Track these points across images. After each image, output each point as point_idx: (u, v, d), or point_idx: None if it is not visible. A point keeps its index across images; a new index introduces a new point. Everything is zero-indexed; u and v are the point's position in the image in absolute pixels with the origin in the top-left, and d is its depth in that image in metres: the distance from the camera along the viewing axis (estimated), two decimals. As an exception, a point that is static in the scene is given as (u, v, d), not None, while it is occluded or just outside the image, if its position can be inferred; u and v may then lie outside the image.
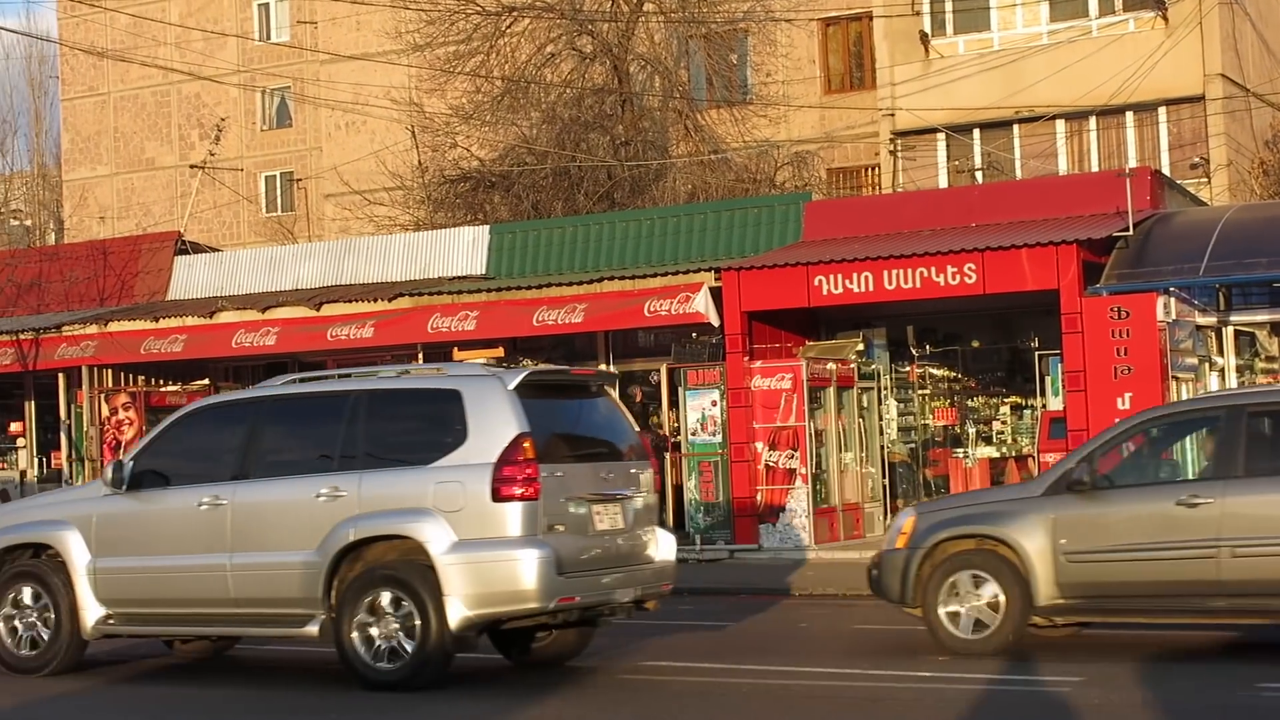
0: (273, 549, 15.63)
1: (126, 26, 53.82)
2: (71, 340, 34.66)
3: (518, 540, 14.53)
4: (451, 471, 14.91)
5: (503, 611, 14.80)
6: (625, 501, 15.71)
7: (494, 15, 37.79)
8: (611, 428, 16.52)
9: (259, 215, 56.38)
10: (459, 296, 30.51)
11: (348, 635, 14.75)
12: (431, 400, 15.79)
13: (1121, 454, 16.68)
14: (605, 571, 15.40)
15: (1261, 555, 14.99)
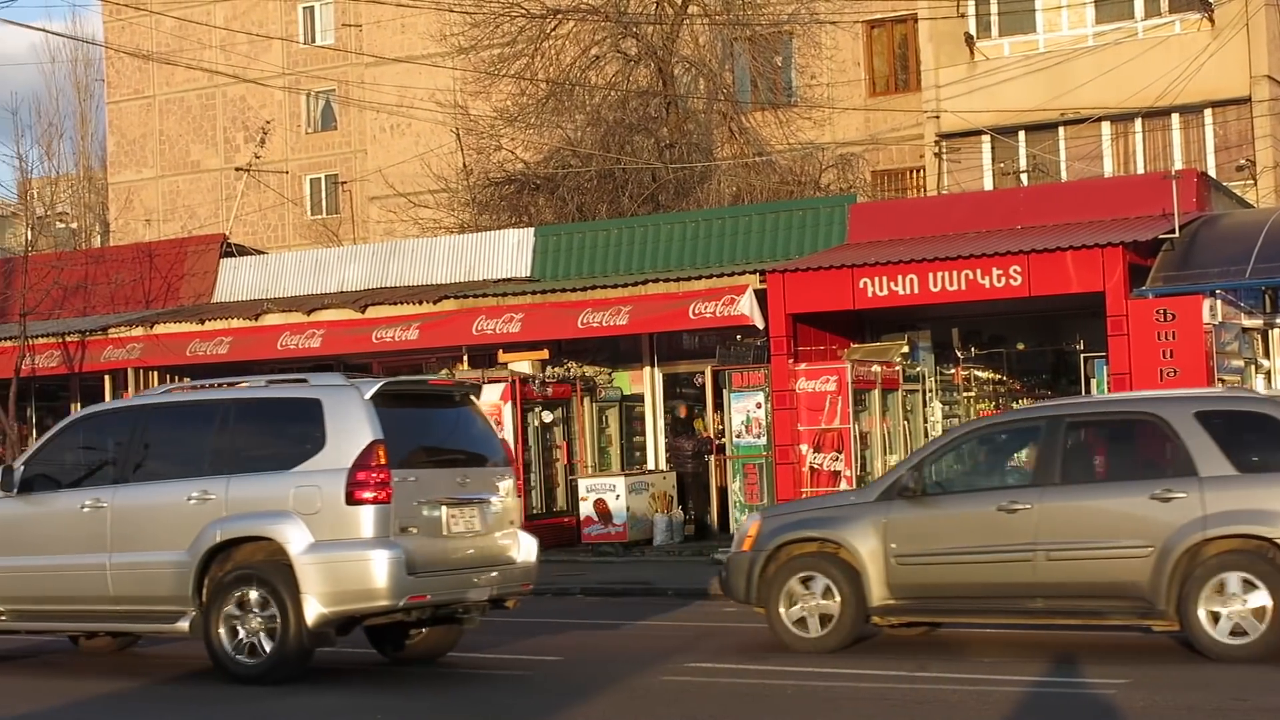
0: (149, 549, 16.33)
1: (172, 29, 54.11)
2: (117, 343, 34.86)
3: (370, 541, 15.31)
4: (310, 476, 15.70)
5: (356, 609, 15.56)
6: (482, 505, 16.49)
7: (539, 18, 37.89)
8: (471, 435, 17.33)
9: (304, 218, 56.60)
10: (504, 299, 30.62)
11: (215, 631, 15.55)
12: (294, 409, 16.55)
13: (950, 462, 17.64)
14: (459, 571, 16.15)
15: (1074, 559, 15.94)
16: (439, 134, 43.95)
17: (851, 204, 30.71)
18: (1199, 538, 15.26)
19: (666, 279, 29.42)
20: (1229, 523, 15.36)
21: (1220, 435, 15.82)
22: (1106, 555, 15.82)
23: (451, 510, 16.09)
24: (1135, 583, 15.55)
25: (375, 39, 51.64)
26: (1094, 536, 15.98)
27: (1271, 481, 15.59)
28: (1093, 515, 16.16)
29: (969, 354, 29.95)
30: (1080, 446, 17.16)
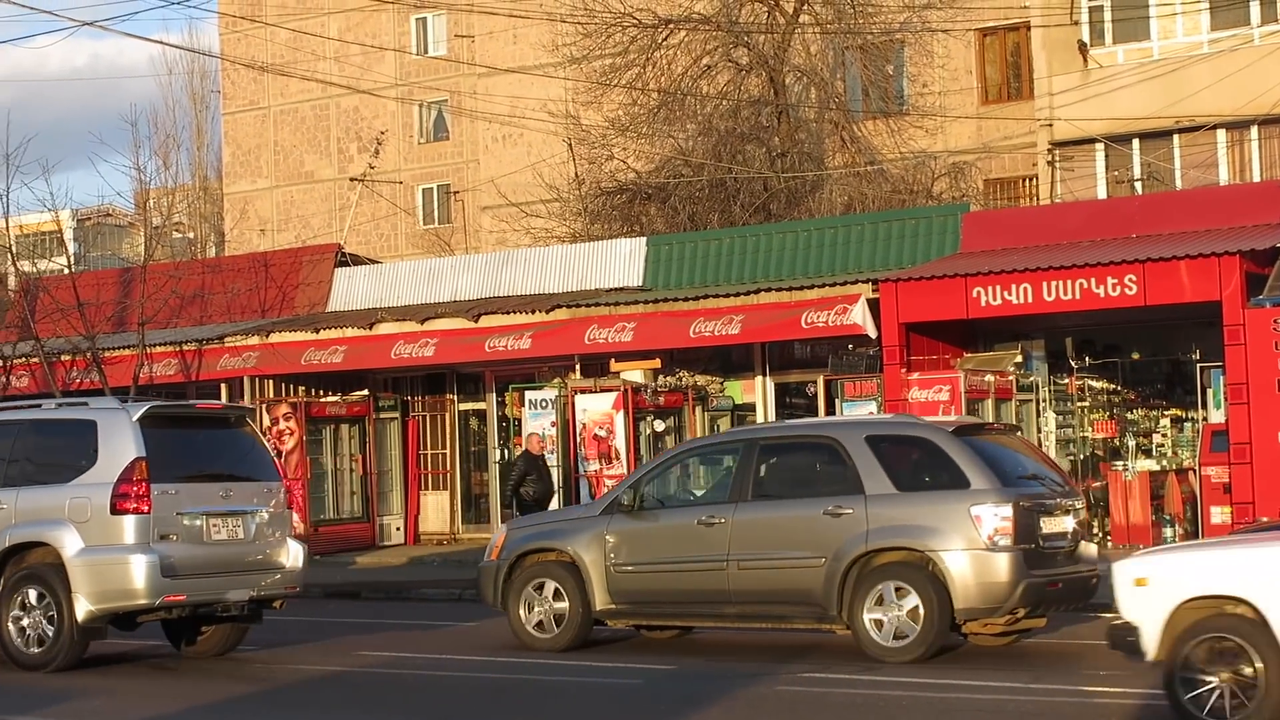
0: None
1: (286, 41, 54.67)
2: (234, 351, 35.23)
3: (130, 547, 17.36)
4: (82, 489, 17.75)
5: (119, 606, 17.57)
6: (246, 516, 18.54)
7: (650, 28, 38.00)
8: (240, 455, 19.30)
9: (416, 227, 56.97)
10: (616, 308, 30.72)
11: (5, 625, 17.65)
12: (74, 429, 18.63)
13: (663, 479, 19.67)
14: (219, 575, 18.13)
15: (760, 568, 17.64)
16: (551, 144, 44.18)
17: (964, 213, 30.62)
18: (863, 549, 16.90)
19: (779, 288, 29.44)
20: (888, 536, 17.01)
21: (885, 457, 17.47)
22: (788, 565, 17.48)
23: (212, 520, 18.17)
24: (811, 590, 17.12)
25: (487, 50, 51.96)
26: (778, 548, 17.61)
27: (926, 500, 17.25)
28: (777, 528, 17.81)
29: (1083, 364, 29.72)
30: (770, 466, 18.80)
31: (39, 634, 17.62)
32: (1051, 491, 17.79)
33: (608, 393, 30.05)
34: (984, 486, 16.75)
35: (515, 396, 32.16)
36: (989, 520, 16.51)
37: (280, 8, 56.22)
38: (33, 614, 17.60)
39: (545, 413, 30.70)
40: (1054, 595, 17.16)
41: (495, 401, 34.55)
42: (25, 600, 17.68)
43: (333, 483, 34.82)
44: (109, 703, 16.16)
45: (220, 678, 18.29)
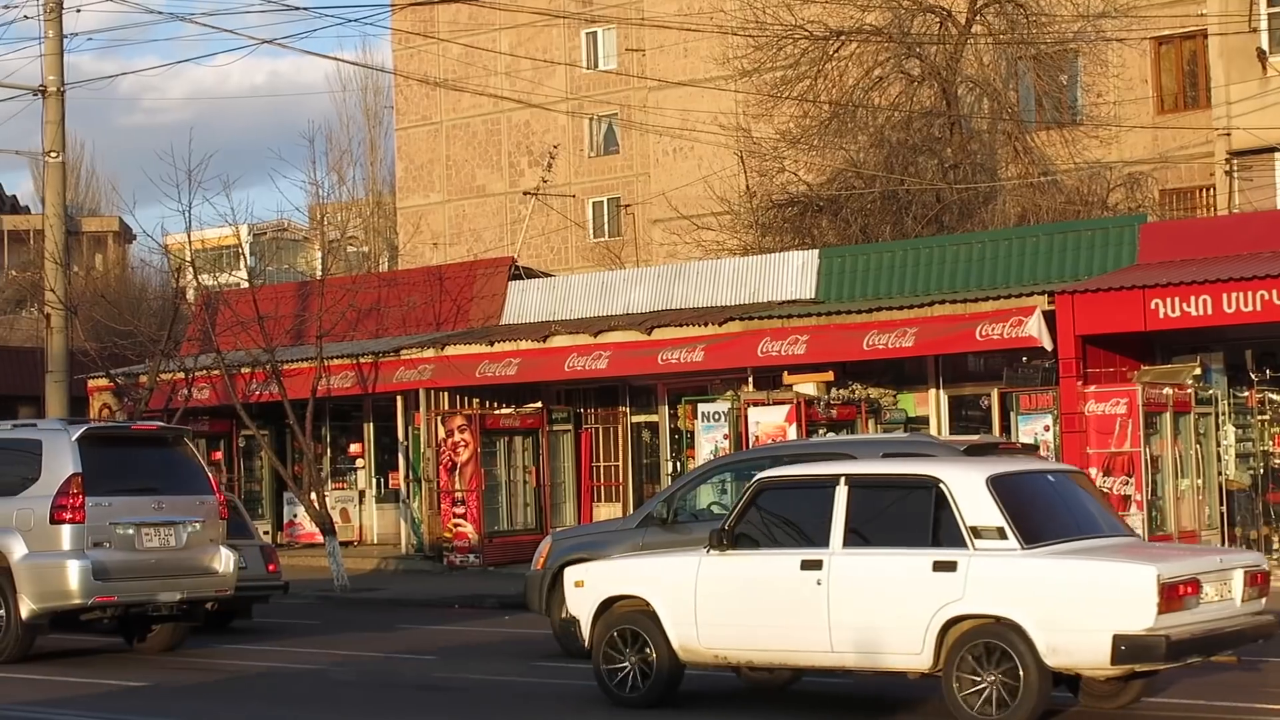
0: None
1: (458, 56, 55.34)
2: (409, 364, 35.69)
3: (66, 553, 19.42)
4: (27, 501, 19.78)
5: (56, 606, 19.68)
6: (178, 526, 20.52)
7: (821, 40, 37.99)
8: (175, 470, 21.26)
9: (586, 240, 57.38)
10: (788, 321, 30.76)
11: None
12: (23, 447, 20.65)
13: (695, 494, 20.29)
14: (150, 579, 20.08)
15: None
16: (721, 156, 44.30)
17: (1142, 223, 30.34)
18: None
19: (952, 300, 29.34)
20: None
21: None
22: None
23: (145, 529, 20.13)
24: None
25: (657, 63, 52.19)
26: None
27: None
28: None
29: (1264, 376, 29.23)
30: None
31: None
32: None
33: (781, 405, 30.05)
34: None
35: (688, 409, 32.22)
36: None
37: (452, 24, 56.87)
38: None
39: (718, 425, 30.77)
40: None
41: (668, 414, 34.69)
42: None
43: (506, 494, 35.06)
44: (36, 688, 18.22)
45: (156, 668, 20.22)
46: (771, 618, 14.64)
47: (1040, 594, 13.43)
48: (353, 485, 39.65)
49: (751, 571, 15.03)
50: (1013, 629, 13.36)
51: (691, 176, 47.71)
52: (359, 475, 39.77)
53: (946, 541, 13.90)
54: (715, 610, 14.85)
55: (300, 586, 27.51)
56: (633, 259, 51.47)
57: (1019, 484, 14.56)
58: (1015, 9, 38.66)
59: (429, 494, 35.72)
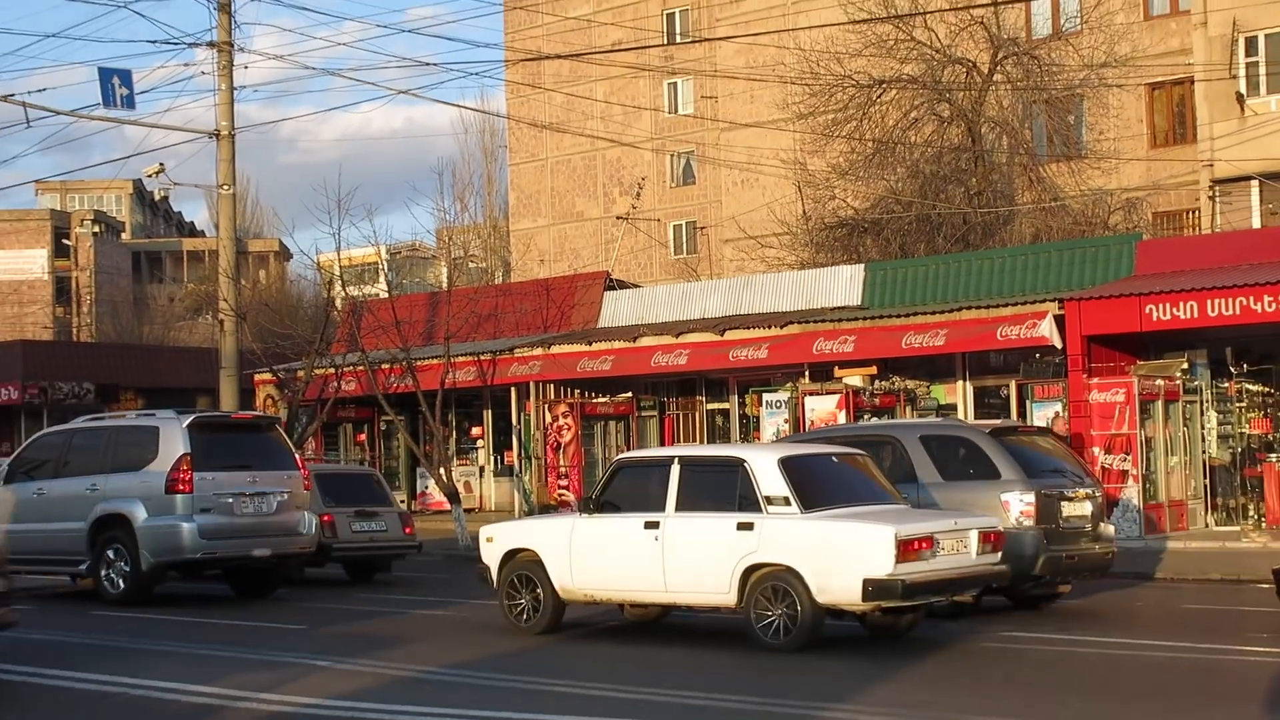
0: (62, 521, 21.20)
1: (561, 103, 55.52)
2: (521, 360, 35.93)
3: (178, 517, 20.26)
4: (147, 475, 20.62)
5: (169, 559, 20.61)
6: (269, 495, 21.23)
7: (866, 88, 38.00)
8: (267, 451, 21.97)
9: (668, 258, 57.46)
10: (839, 323, 30.83)
11: (99, 571, 20.84)
12: (144, 433, 21.38)
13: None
14: (245, 538, 20.90)
15: None
16: (782, 186, 44.31)
17: (1138, 241, 30.28)
18: None
19: (977, 306, 29.34)
20: None
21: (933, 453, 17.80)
22: None
23: (241, 498, 20.89)
24: None
25: (728, 108, 52.19)
26: None
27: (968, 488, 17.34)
28: None
29: (1241, 370, 29.12)
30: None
31: (121, 578, 20.76)
32: (1072, 482, 17.90)
33: (832, 395, 30.14)
34: (1012, 478, 17.08)
35: (754, 398, 32.35)
36: (1015, 505, 16.86)
37: (556, 75, 57.16)
38: (119, 565, 20.71)
39: (779, 412, 30.87)
40: (1070, 566, 17.46)
41: (737, 402, 34.78)
42: (105, 554, 20.78)
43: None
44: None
45: (254, 606, 21.06)
46: (624, 565, 15.99)
47: (813, 548, 14.76)
48: (474, 462, 39.89)
49: (610, 530, 16.28)
50: (793, 574, 14.68)
51: (756, 203, 47.70)
52: (479, 453, 40.02)
53: (748, 507, 15.18)
54: (584, 559, 16.21)
55: (431, 547, 27.74)
56: (707, 273, 51.51)
57: (805, 463, 15.89)
58: (1030, 60, 38.65)
59: (538, 469, 35.96)
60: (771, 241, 42.46)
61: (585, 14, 56.80)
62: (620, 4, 57.10)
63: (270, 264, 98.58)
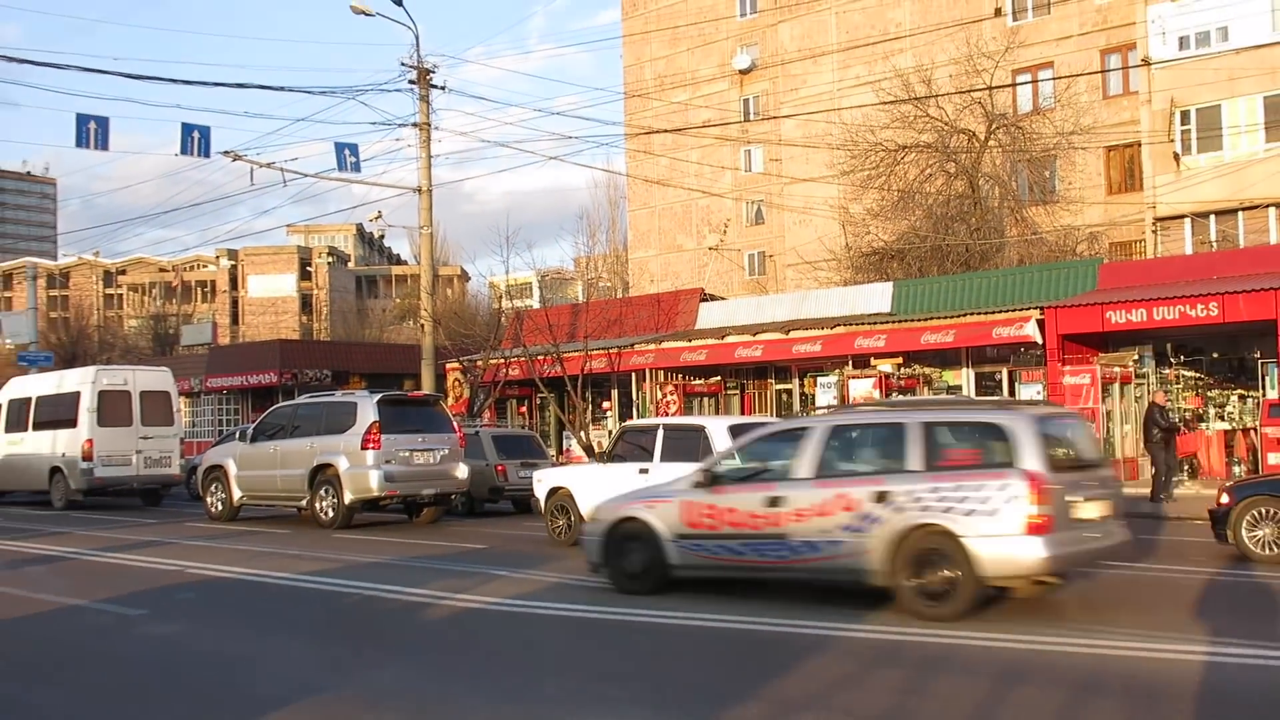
0: (290, 469, 22.00)
1: (666, 165, 55.44)
2: (639, 353, 35.89)
3: (369, 466, 20.93)
4: (350, 436, 21.16)
5: (364, 497, 21.11)
6: (434, 450, 21.75)
7: (893, 152, 37.71)
8: (433, 419, 22.23)
9: (745, 278, 57.21)
10: (874, 325, 30.54)
11: (315, 505, 21.55)
12: (347, 406, 21.74)
13: None
14: (417, 481, 21.50)
15: None
16: (830, 225, 43.96)
17: (1100, 264, 29.69)
18: None
19: (977, 313, 28.94)
20: None
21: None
22: None
23: (415, 453, 21.46)
24: None
25: (789, 167, 51.88)
26: None
27: None
28: None
29: (1178, 360, 28.56)
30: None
31: (332, 511, 21.31)
32: None
33: (869, 378, 29.87)
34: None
35: (811, 380, 32.29)
36: None
37: (662, 144, 57.01)
38: (328, 499, 21.36)
39: (830, 390, 30.63)
40: None
41: (798, 383, 34.57)
42: (325, 492, 21.40)
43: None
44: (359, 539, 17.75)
45: (441, 531, 21.11)
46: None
47: None
48: (605, 427, 39.86)
49: (616, 474, 16.93)
50: None
51: (811, 237, 47.35)
52: (609, 420, 40.00)
53: (706, 458, 14.38)
54: (598, 494, 16.07)
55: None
56: (774, 289, 51.28)
57: (744, 429, 15.41)
58: (1016, 130, 38.09)
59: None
60: (822, 265, 42.21)
61: (683, 100, 56.71)
62: (709, 92, 56.97)
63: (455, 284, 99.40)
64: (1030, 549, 10.38)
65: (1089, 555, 11.20)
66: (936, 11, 47.14)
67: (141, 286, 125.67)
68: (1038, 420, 10.97)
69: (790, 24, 53.23)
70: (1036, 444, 10.64)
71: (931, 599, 10.69)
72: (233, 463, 23.44)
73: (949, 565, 10.61)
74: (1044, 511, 10.35)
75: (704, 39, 58.12)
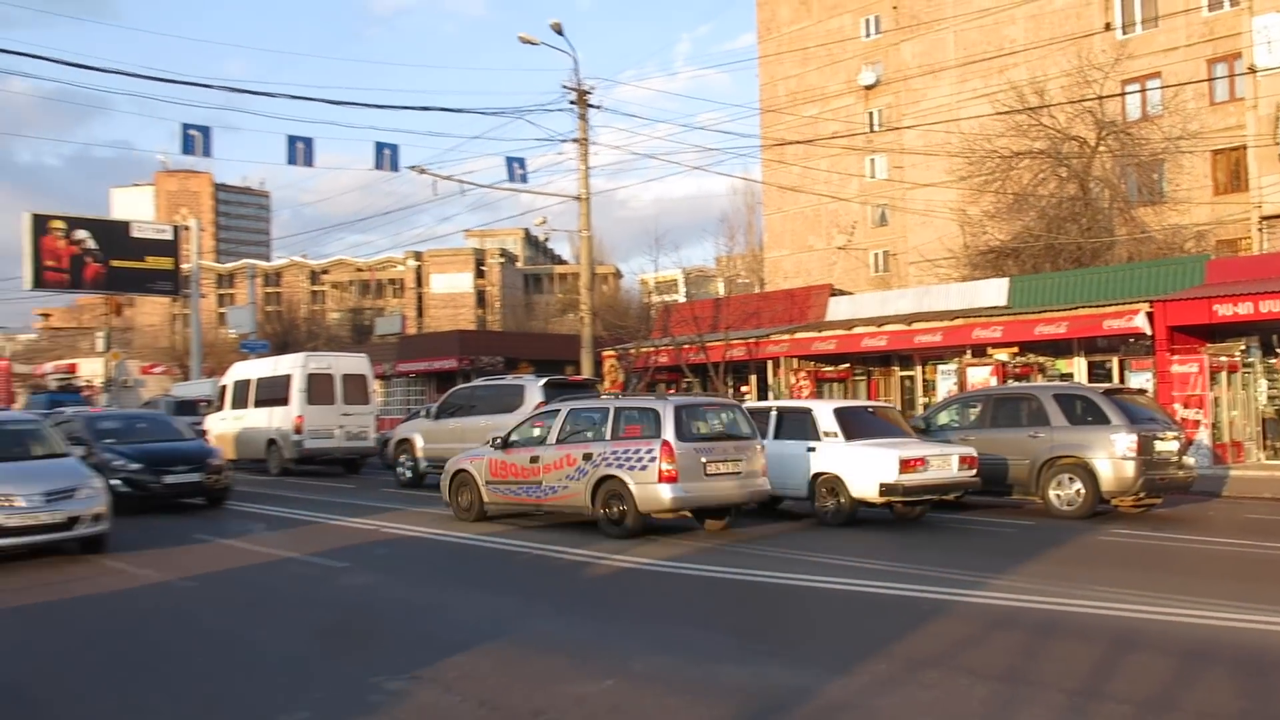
0: (468, 441, 20.41)
1: (798, 173, 54.89)
2: (774, 342, 35.55)
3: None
4: (518, 415, 19.83)
5: None
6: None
7: (1008, 159, 36.62)
8: (588, 397, 19.67)
9: (870, 275, 56.38)
10: (991, 317, 29.73)
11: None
12: (516, 388, 21.38)
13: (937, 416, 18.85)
14: None
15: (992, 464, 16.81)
16: (949, 226, 42.95)
17: (1207, 260, 28.34)
18: (1049, 456, 16.48)
19: (1089, 306, 27.89)
20: (1064, 450, 16.39)
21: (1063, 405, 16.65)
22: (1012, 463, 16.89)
23: None
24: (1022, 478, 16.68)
25: (911, 174, 50.90)
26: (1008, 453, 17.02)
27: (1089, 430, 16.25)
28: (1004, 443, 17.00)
29: (1283, 349, 27.15)
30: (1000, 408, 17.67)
31: None
32: (1162, 427, 16.81)
33: (986, 366, 29.09)
34: (1120, 423, 16.23)
35: (931, 368, 31.56)
36: (1122, 442, 16.06)
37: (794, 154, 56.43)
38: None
39: (949, 378, 29.96)
40: (1161, 486, 16.51)
41: (920, 371, 33.86)
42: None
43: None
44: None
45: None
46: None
47: (852, 462, 15.20)
48: (742, 409, 39.83)
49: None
50: (839, 479, 15.28)
51: (931, 237, 46.35)
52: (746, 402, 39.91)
53: (813, 437, 15.76)
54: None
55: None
56: (897, 284, 50.36)
57: (851, 412, 16.10)
58: (1126, 136, 36.58)
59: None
60: (942, 263, 41.25)
61: (813, 114, 56.05)
62: (837, 106, 56.21)
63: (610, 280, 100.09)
64: (664, 492, 13.85)
65: (717, 498, 14.25)
66: (1049, 27, 45.67)
67: (341, 284, 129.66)
68: (679, 407, 14.25)
69: (911, 43, 52.17)
70: (674, 422, 13.94)
71: (613, 524, 14.25)
72: (419, 436, 23.93)
73: (622, 502, 14.20)
74: (672, 467, 13.78)
75: (832, 58, 57.38)
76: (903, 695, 6.96)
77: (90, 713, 6.90)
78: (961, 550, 13.14)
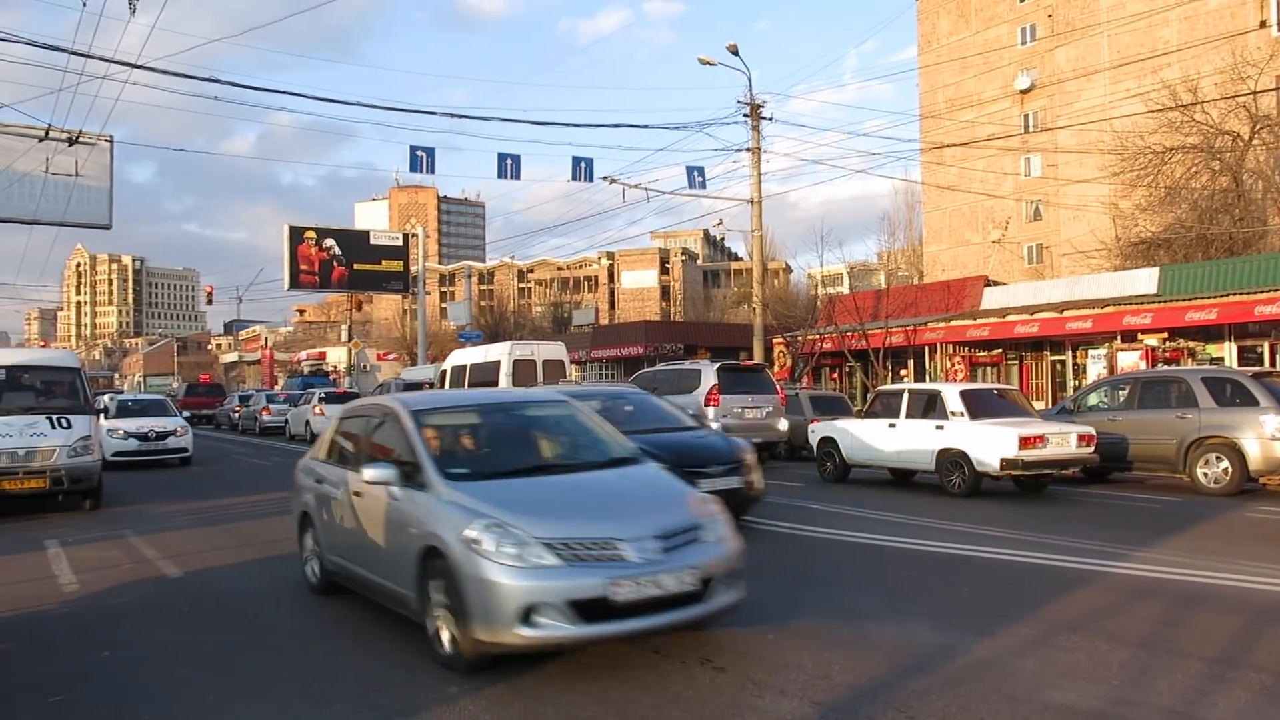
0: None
1: (955, 173, 53.21)
2: (931, 330, 34.73)
3: (711, 419, 18.99)
4: (696, 395, 19.70)
5: None
6: (761, 408, 20.24)
7: (1160, 154, 34.42)
8: (760, 383, 20.79)
9: (1023, 266, 54.19)
10: (1141, 305, 28.20)
11: None
12: (694, 372, 20.60)
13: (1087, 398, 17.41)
14: (749, 431, 19.40)
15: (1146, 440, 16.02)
16: (1100, 219, 40.89)
17: (1363, 247, 26.08)
18: (1196, 436, 15.39)
19: (1240, 293, 26.15)
20: (1212, 430, 15.27)
21: (1211, 388, 15.57)
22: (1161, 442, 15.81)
23: (747, 409, 20.07)
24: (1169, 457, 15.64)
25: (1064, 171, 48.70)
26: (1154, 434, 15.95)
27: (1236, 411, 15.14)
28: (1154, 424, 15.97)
29: None
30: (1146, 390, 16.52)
31: None
32: None
33: (1135, 351, 27.59)
34: (1268, 405, 15.09)
35: (1083, 353, 30.15)
36: (1270, 423, 14.91)
37: (952, 155, 54.69)
38: None
39: (1099, 362, 28.55)
40: None
41: (1071, 356, 32.39)
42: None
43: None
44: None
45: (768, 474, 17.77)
46: (885, 445, 16.04)
47: (977, 439, 14.86)
48: (901, 391, 39.01)
49: (869, 427, 16.45)
50: (964, 454, 15.00)
51: (1083, 229, 44.21)
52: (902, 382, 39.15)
53: (941, 416, 15.46)
54: (853, 443, 16.70)
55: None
56: (1049, 276, 48.19)
57: (975, 393, 15.72)
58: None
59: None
60: (1094, 255, 39.27)
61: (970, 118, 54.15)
62: (993, 110, 54.11)
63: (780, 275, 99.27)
64: None
65: None
66: (1203, 28, 42.76)
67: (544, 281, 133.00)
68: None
69: (1066, 48, 49.76)
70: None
71: None
72: None
73: None
74: None
75: (988, 65, 55.26)
76: (1043, 657, 6.73)
77: None
78: (1107, 524, 12.53)
